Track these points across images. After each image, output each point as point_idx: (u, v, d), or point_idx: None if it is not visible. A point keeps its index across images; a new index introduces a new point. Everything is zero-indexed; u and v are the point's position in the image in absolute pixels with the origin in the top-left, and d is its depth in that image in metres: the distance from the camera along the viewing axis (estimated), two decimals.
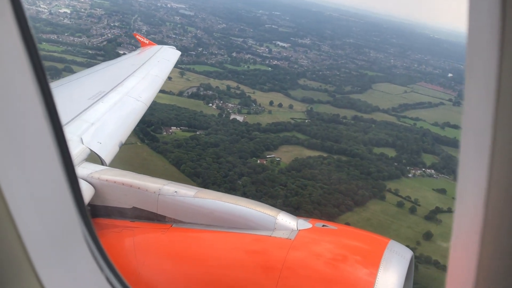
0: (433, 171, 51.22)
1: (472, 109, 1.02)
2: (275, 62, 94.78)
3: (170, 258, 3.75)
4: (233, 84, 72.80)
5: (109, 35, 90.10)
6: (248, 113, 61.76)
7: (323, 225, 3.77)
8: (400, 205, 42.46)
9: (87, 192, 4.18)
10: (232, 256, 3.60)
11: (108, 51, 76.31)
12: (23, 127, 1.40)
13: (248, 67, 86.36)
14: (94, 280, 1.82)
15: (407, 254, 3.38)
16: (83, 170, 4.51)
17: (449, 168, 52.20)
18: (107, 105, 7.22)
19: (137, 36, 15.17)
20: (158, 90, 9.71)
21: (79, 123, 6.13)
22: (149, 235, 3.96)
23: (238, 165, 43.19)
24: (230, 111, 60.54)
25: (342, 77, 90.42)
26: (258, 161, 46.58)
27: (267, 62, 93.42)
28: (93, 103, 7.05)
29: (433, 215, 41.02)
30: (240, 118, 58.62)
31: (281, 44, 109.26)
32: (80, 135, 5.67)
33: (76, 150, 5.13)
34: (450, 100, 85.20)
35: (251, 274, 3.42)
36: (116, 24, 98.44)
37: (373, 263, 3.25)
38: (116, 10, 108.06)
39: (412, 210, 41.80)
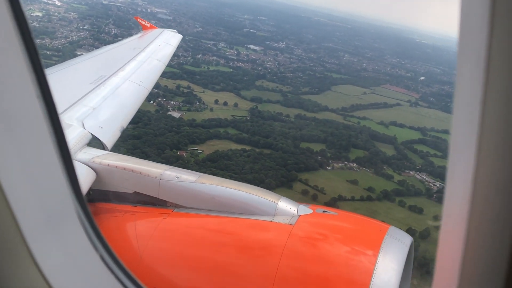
0: (355, 164, 54.48)
1: (460, 108, 1.08)
2: (240, 64, 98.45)
3: (172, 243, 3.88)
4: (185, 83, 76.62)
5: (74, 37, 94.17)
6: (189, 110, 65.49)
7: (323, 211, 3.90)
8: (304, 193, 45.65)
9: (88, 177, 4.28)
10: (233, 241, 3.74)
11: (66, 52, 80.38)
12: (17, 110, 1.48)
13: (208, 68, 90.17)
14: (88, 259, 1.90)
15: (407, 240, 3.49)
16: (84, 155, 4.63)
17: (372, 162, 55.45)
18: (108, 89, 7.32)
19: (138, 20, 15.65)
20: (159, 75, 9.93)
21: (80, 108, 6.22)
22: (150, 220, 4.07)
23: (152, 155, 46.72)
24: (170, 108, 64.33)
25: (304, 79, 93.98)
26: (178, 153, 50.20)
27: (231, 64, 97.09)
28: (94, 88, 7.16)
29: (333, 202, 44.17)
30: (177, 114, 62.35)
31: (252, 47, 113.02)
32: (82, 119, 5.78)
33: (78, 135, 5.21)
34: (408, 101, 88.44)
35: (252, 259, 3.55)
36: (86, 27, 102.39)
37: (373, 248, 3.37)
38: (91, 14, 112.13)
39: (314, 197, 44.99)
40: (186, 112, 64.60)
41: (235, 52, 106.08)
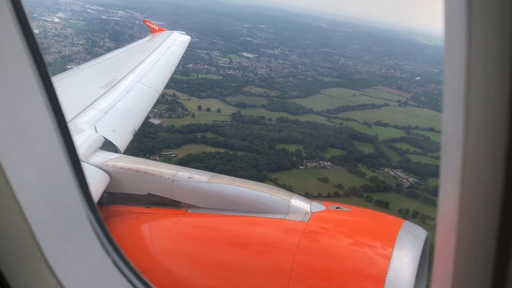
0: (329, 163, 55.69)
1: (448, 110, 1.12)
2: (230, 71, 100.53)
3: (186, 243, 3.99)
4: (170, 92, 78.81)
5: (67, 52, 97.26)
6: (170, 117, 67.57)
7: (337, 207, 3.96)
8: None
9: (102, 180, 4.40)
10: (247, 240, 3.81)
11: (57, 66, 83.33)
12: (25, 116, 1.54)
13: (197, 76, 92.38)
14: (101, 263, 1.97)
15: (422, 234, 3.55)
16: (98, 158, 4.76)
17: (346, 160, 56.57)
18: (120, 93, 7.54)
19: (147, 23, 16.36)
20: (169, 77, 10.22)
21: (92, 112, 6.40)
22: (165, 221, 4.18)
23: None
24: (151, 115, 66.39)
25: (293, 83, 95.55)
26: (151, 157, 52.06)
27: (221, 71, 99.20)
28: (105, 92, 7.39)
29: None
30: (157, 121, 64.45)
31: (246, 54, 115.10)
32: (94, 123, 5.92)
33: (90, 139, 5.33)
34: (398, 101, 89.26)
35: (267, 257, 3.62)
36: (81, 42, 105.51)
37: (388, 243, 3.43)
38: (87, 29, 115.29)
39: None
40: (167, 119, 66.65)
41: (228, 60, 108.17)
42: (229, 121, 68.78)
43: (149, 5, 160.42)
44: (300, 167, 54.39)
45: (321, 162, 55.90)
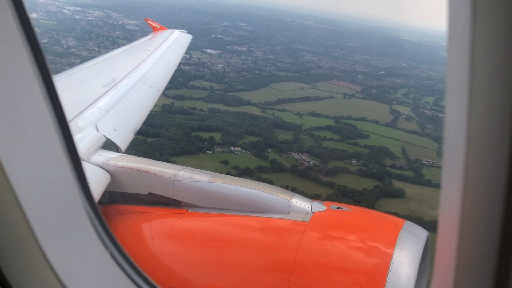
0: (239, 148, 59.45)
1: (450, 106, 1.14)
2: (185, 67, 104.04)
3: (187, 242, 4.23)
4: None
5: None
6: None
7: (337, 207, 4.17)
8: None
9: (103, 180, 4.64)
10: (247, 240, 4.02)
11: None
12: (26, 114, 1.60)
13: None
14: (99, 256, 2.03)
15: (423, 234, 3.71)
16: (99, 157, 5.02)
17: (256, 146, 60.23)
18: (121, 92, 7.76)
19: (148, 21, 16.75)
20: (171, 76, 10.63)
21: (94, 111, 6.58)
22: (165, 220, 4.40)
23: None
24: None
25: (246, 78, 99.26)
26: None
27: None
28: (107, 91, 7.60)
29: None
30: None
31: (209, 51, 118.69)
32: (95, 122, 6.11)
33: (92, 138, 5.54)
34: (344, 94, 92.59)
35: (267, 257, 3.81)
36: (43, 40, 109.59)
37: (389, 244, 3.56)
38: (55, 29, 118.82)
39: None
40: None
41: (187, 56, 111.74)
42: (156, 111, 72.73)
43: (130, 5, 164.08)
44: (208, 151, 58.13)
45: (231, 147, 59.59)
